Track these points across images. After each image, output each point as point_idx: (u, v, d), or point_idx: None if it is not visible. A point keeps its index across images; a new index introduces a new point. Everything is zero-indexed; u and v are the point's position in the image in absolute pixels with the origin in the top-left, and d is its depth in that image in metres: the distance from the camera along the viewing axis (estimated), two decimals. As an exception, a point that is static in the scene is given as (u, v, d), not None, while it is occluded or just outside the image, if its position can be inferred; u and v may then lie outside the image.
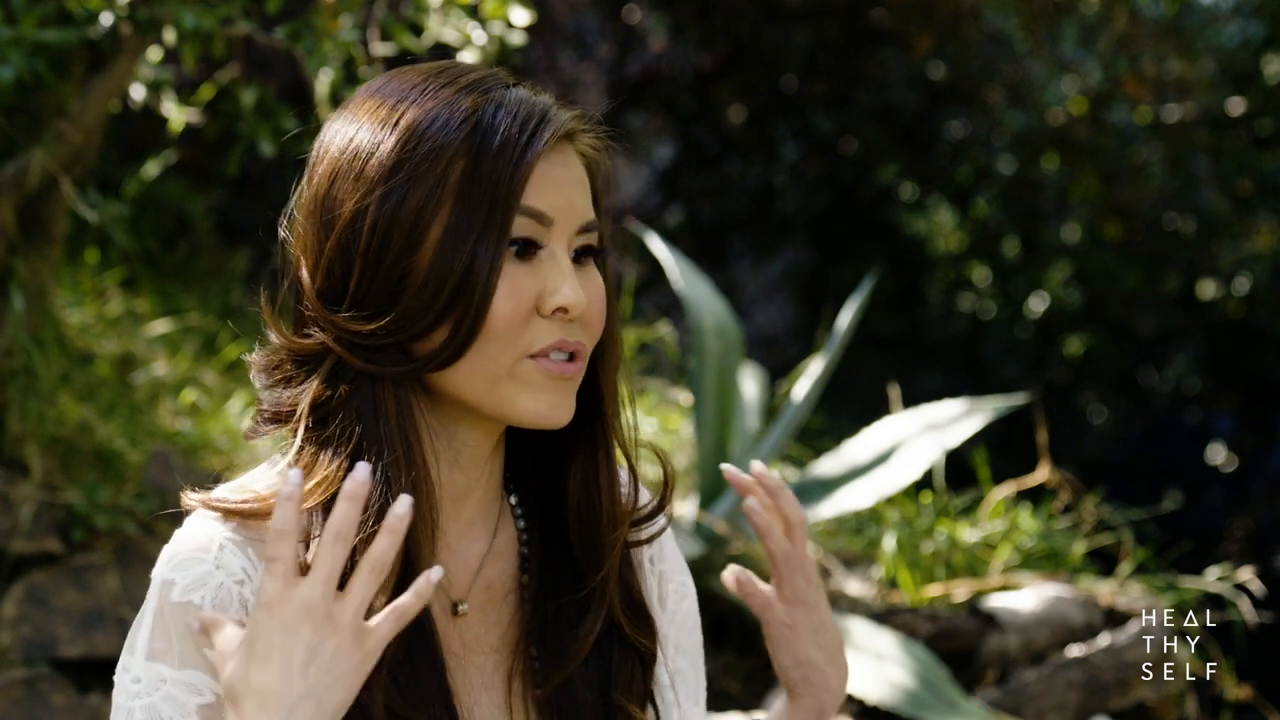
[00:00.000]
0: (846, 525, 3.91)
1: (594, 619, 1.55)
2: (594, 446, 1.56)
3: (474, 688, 1.53)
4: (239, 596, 1.42)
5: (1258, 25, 7.47)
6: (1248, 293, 7.88)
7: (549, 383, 1.46)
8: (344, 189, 1.44)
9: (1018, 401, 3.59)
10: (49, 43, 2.96)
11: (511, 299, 1.43)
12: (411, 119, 1.44)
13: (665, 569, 1.68)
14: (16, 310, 3.26)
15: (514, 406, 1.45)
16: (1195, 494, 7.99)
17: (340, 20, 3.00)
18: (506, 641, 1.55)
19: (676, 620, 1.68)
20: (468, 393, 1.46)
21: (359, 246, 1.43)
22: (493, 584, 1.56)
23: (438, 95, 1.45)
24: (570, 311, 1.45)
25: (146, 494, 3.35)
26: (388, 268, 1.42)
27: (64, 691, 3.10)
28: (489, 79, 1.48)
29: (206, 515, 1.46)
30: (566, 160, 1.48)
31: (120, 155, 4.93)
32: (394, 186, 1.42)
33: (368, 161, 1.44)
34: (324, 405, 1.45)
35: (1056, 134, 7.73)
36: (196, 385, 4.00)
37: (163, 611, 1.42)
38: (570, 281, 1.45)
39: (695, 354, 3.70)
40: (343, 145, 1.46)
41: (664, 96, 7.65)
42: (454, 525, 1.54)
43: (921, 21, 7.23)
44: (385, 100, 1.47)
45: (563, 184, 1.47)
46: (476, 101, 1.45)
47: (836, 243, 8.33)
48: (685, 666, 1.68)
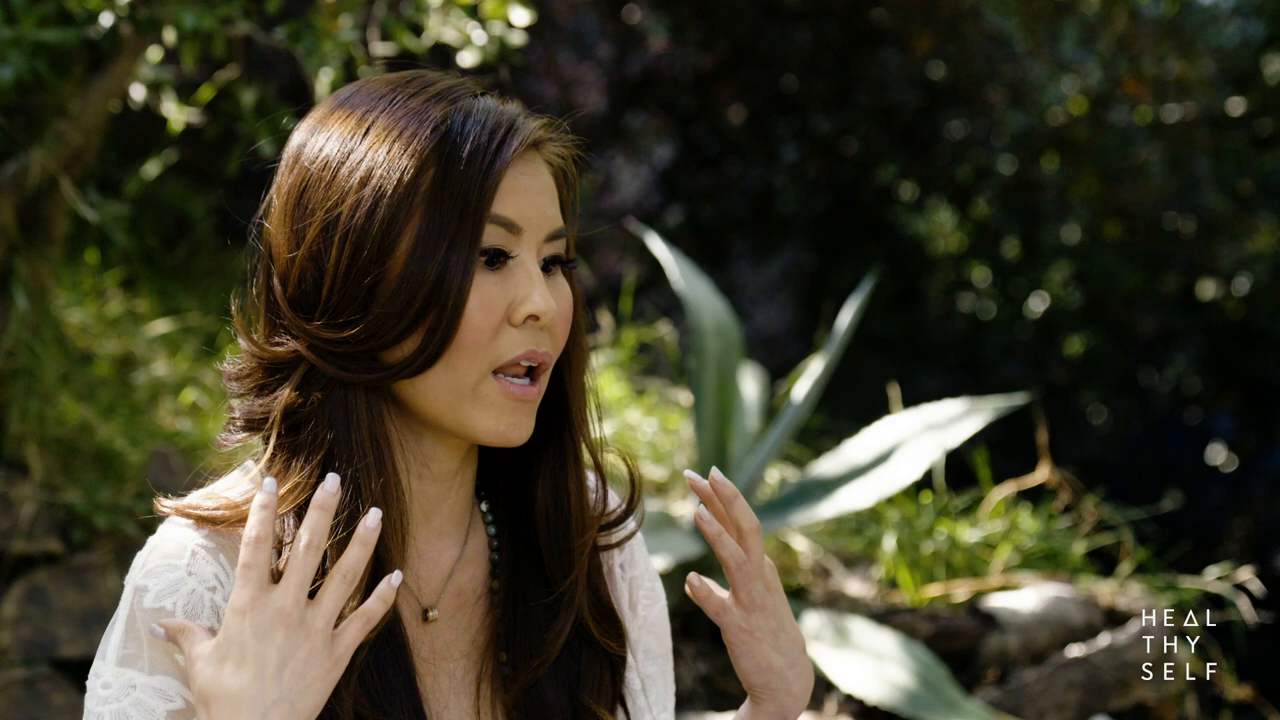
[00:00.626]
0: (846, 525, 3.91)
1: (563, 622, 1.56)
2: (562, 453, 1.57)
3: (443, 693, 1.54)
4: (211, 603, 1.43)
5: (1258, 25, 7.47)
6: (1248, 293, 7.88)
7: (509, 404, 1.47)
8: (314, 198, 1.45)
9: (1018, 401, 3.59)
10: (49, 43, 2.96)
11: (483, 309, 1.44)
12: (381, 128, 1.45)
13: (636, 574, 1.69)
14: (20, 310, 3.26)
15: (474, 425, 1.47)
16: (1195, 494, 7.99)
17: (340, 20, 3.00)
18: (476, 646, 1.57)
19: (648, 625, 1.69)
20: (431, 407, 1.47)
21: (330, 255, 1.44)
22: (463, 590, 1.57)
23: (407, 105, 1.46)
24: (541, 319, 1.47)
25: (146, 494, 3.35)
26: (358, 276, 1.43)
27: (64, 691, 3.10)
28: (457, 88, 1.49)
29: (179, 522, 1.48)
30: (535, 169, 1.49)
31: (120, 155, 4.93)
32: (365, 196, 1.43)
33: (338, 171, 1.45)
34: (296, 413, 1.46)
35: (1056, 134, 7.73)
36: (196, 385, 4.00)
37: (134, 617, 1.43)
38: (540, 289, 1.47)
39: (695, 354, 3.70)
40: (312, 155, 1.47)
41: (664, 96, 7.65)
42: (425, 533, 1.55)
43: (921, 21, 7.23)
44: (354, 110, 1.48)
45: (531, 193, 1.48)
46: (445, 111, 1.46)
47: (836, 243, 8.33)
48: (654, 672, 1.69)
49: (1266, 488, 8.23)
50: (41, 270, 3.36)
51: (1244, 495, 8.27)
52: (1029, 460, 3.98)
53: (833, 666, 3.10)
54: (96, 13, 3.00)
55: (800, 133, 8.09)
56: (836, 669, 3.10)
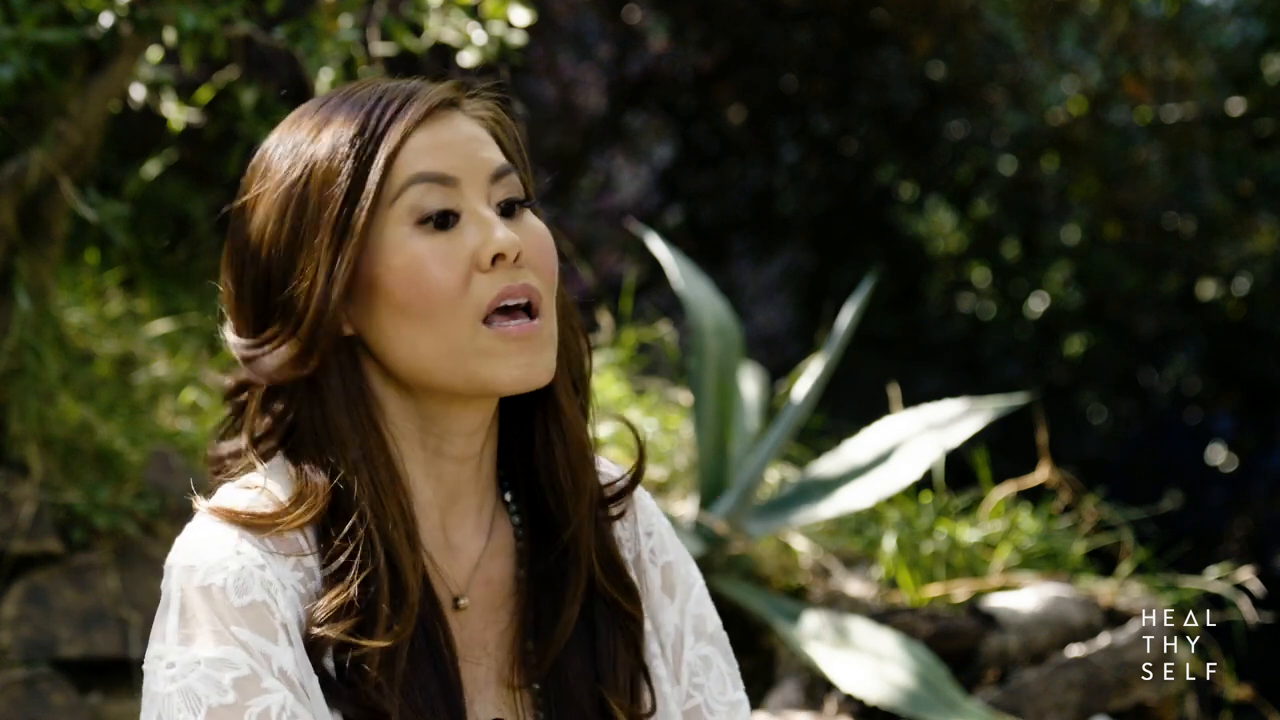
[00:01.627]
0: (846, 525, 3.91)
1: (575, 579, 1.54)
2: (545, 401, 1.55)
3: (472, 684, 1.52)
4: (261, 580, 1.41)
5: (1258, 25, 7.47)
6: (1248, 293, 7.88)
7: (512, 346, 1.45)
8: (238, 227, 1.52)
9: (1018, 401, 3.59)
10: (49, 43, 2.96)
11: (445, 268, 1.44)
12: (309, 130, 1.50)
13: (670, 560, 1.67)
14: (23, 310, 3.26)
15: (490, 379, 1.46)
16: (1195, 494, 7.98)
17: (340, 20, 3.00)
18: (505, 640, 1.55)
19: (687, 610, 1.66)
20: (440, 377, 1.46)
21: (244, 256, 1.50)
22: (492, 580, 1.56)
23: (328, 105, 1.51)
24: (508, 255, 1.45)
25: (146, 494, 3.35)
26: (258, 285, 1.49)
27: (64, 691, 3.10)
28: (381, 87, 1.51)
29: (215, 517, 1.46)
30: (452, 125, 1.49)
31: (120, 155, 4.93)
32: (264, 192, 1.47)
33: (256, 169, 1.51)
34: (274, 429, 1.49)
35: (1056, 134, 7.73)
36: (196, 385, 4.00)
37: (187, 596, 1.41)
38: (499, 226, 1.46)
39: (695, 354, 3.70)
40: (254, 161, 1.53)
41: (664, 96, 7.65)
42: (450, 519, 1.54)
43: (921, 21, 7.23)
44: (294, 116, 1.53)
45: (454, 144, 1.47)
46: (350, 109, 1.48)
47: (836, 243, 8.33)
48: (711, 652, 1.66)
49: (1266, 488, 8.23)
50: (41, 270, 3.36)
51: (1244, 495, 8.27)
52: (1029, 460, 3.97)
53: (833, 666, 3.10)
54: (96, 13, 3.00)
55: (800, 133, 8.08)
56: (836, 669, 3.10)
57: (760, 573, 3.62)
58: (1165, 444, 8.56)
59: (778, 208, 8.22)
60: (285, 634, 1.40)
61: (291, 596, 1.43)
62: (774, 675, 3.37)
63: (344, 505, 1.45)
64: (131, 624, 3.22)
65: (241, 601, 1.39)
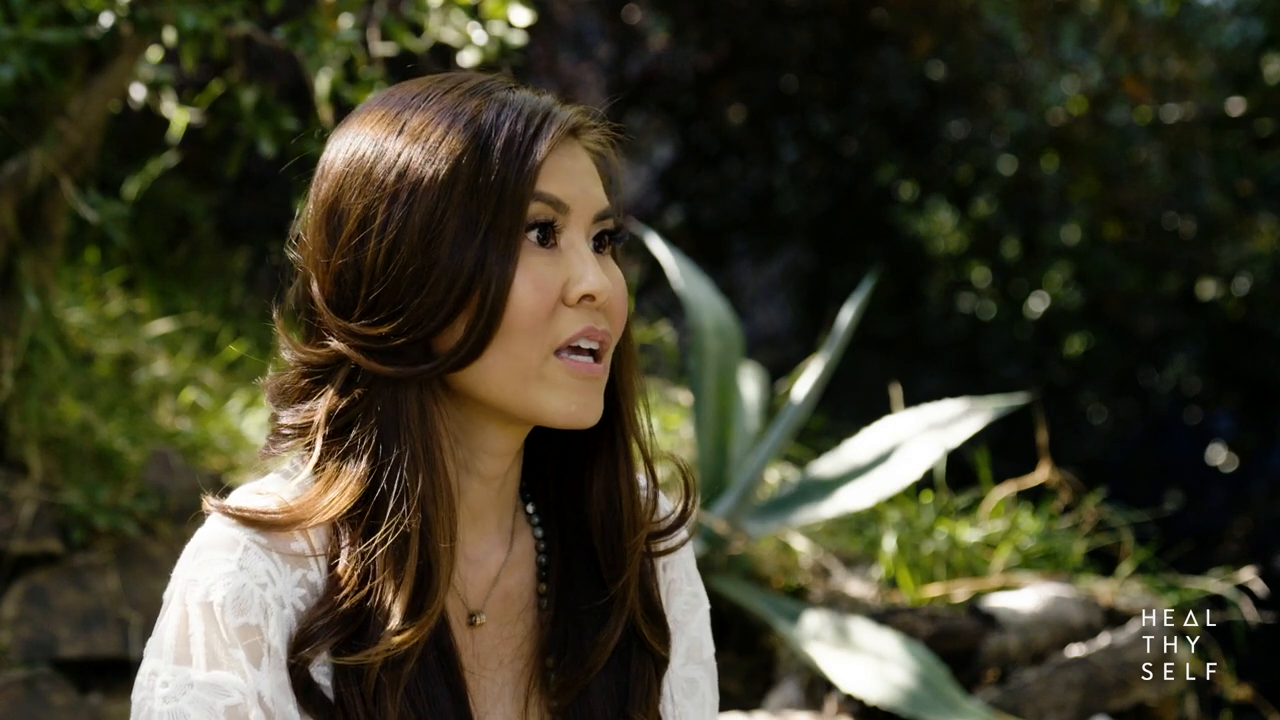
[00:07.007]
0: (846, 525, 3.91)
1: (615, 624, 1.55)
2: (614, 450, 1.56)
3: (486, 699, 1.52)
4: (260, 600, 1.41)
5: (1258, 25, 7.47)
6: (1248, 293, 7.88)
7: (576, 383, 1.46)
8: (350, 198, 1.45)
9: (1018, 401, 3.59)
10: (49, 43, 2.96)
11: (536, 290, 1.44)
12: (415, 126, 1.45)
13: (674, 577, 1.67)
14: (31, 310, 3.26)
15: (544, 408, 1.46)
16: (1195, 494, 7.99)
17: (340, 20, 3.00)
18: (522, 653, 1.55)
19: (688, 631, 1.67)
20: (497, 394, 1.46)
21: (368, 253, 1.43)
22: (510, 594, 1.56)
23: (441, 101, 1.46)
24: (596, 299, 1.46)
25: (146, 494, 3.35)
26: (397, 270, 1.42)
27: (64, 691, 3.10)
28: (490, 83, 1.49)
29: (226, 520, 1.45)
30: (574, 153, 1.49)
31: (120, 155, 4.93)
32: (400, 190, 1.43)
33: (373, 169, 1.44)
34: (343, 414, 1.45)
35: (1056, 134, 7.73)
36: (196, 385, 4.00)
37: (188, 613, 1.40)
38: (594, 268, 1.46)
39: (695, 354, 3.70)
40: (347, 157, 1.47)
41: (664, 96, 7.65)
42: (471, 534, 1.54)
43: (921, 21, 7.23)
44: (388, 110, 1.48)
45: (575, 174, 1.48)
46: (480, 104, 1.46)
47: (836, 243, 8.33)
48: (699, 675, 1.67)
49: (1267, 488, 8.23)
50: (42, 270, 3.36)
51: (1244, 495, 8.27)
52: (1029, 460, 3.97)
53: (833, 666, 3.10)
54: (96, 13, 3.00)
55: (800, 133, 8.08)
56: (837, 669, 3.10)
57: (760, 573, 3.62)
58: (1165, 444, 8.56)
59: (778, 208, 8.22)
60: (269, 659, 1.40)
61: (287, 616, 1.42)
62: (774, 675, 3.37)
63: (377, 506, 1.43)
64: (131, 624, 3.22)
65: (238, 621, 1.39)
